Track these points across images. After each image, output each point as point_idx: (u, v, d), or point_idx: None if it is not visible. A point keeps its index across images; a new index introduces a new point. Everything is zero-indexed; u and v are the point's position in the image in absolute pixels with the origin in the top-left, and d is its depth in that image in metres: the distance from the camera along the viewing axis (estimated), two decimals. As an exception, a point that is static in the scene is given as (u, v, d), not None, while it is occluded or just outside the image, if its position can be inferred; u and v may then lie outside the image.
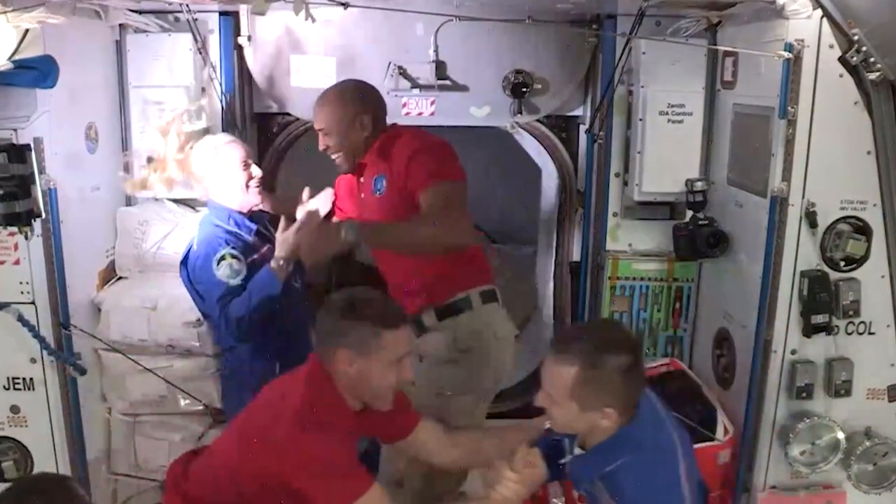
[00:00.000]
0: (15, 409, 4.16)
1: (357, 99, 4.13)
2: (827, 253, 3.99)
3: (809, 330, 4.02)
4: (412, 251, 3.91)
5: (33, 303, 4.04)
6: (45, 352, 4.07)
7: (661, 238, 5.05)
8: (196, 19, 4.77)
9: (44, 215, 3.91)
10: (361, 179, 4.14)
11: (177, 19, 4.81)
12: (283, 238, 4.06)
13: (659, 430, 3.06)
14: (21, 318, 3.96)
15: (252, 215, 4.43)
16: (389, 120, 4.15)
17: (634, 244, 5.11)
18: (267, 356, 4.27)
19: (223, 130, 4.86)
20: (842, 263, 4.01)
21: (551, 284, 6.23)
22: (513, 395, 6.26)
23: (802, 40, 3.78)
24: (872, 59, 3.66)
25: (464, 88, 5.14)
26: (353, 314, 3.10)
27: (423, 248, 3.80)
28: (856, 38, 3.67)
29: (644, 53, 4.74)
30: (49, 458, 4.21)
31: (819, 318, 3.99)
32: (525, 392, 6.21)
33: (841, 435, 4.13)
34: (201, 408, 4.60)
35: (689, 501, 2.97)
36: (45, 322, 4.08)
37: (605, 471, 3.02)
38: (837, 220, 3.95)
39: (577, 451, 3.19)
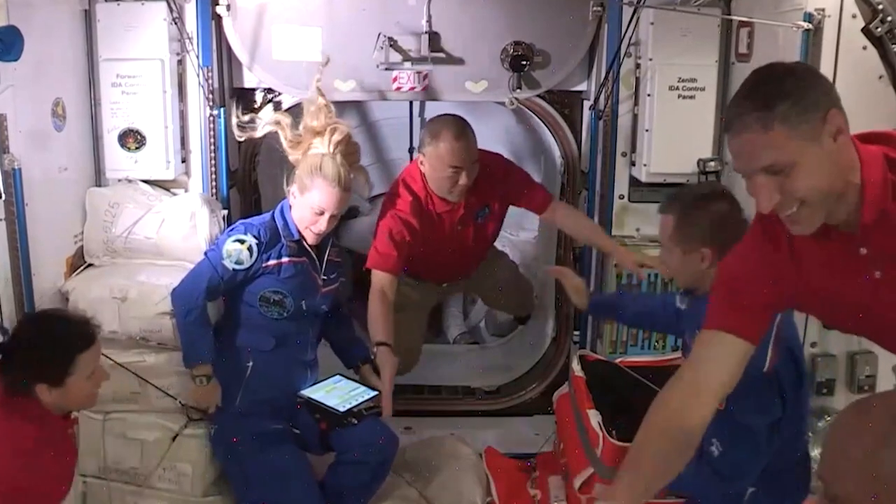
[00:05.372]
0: (-24, 407, 4.13)
1: None
2: (850, 239, 3.94)
3: (830, 322, 3.99)
4: None
5: (-5, 292, 4.02)
6: (8, 344, 4.02)
7: (671, 222, 5.02)
8: (171, -13, 4.73)
9: (4, 197, 3.89)
10: None
11: (150, -13, 4.77)
12: None
13: None
14: (-17, 309, 3.93)
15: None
16: (378, 95, 4.16)
17: (642, 229, 5.10)
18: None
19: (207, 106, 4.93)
20: (865, 250, 3.96)
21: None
22: (514, 391, 6.27)
23: (823, 10, 3.75)
24: (898, 30, 3.64)
25: (459, 62, 5.10)
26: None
27: None
28: (880, 7, 3.64)
29: (652, 24, 4.73)
30: (13, 458, 4.18)
31: (841, 309, 3.96)
32: (526, 386, 6.22)
33: (864, 434, 4.10)
34: (176, 405, 4.56)
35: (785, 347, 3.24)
36: (8, 312, 4.03)
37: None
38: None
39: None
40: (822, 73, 2.82)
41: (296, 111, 4.70)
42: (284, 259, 4.48)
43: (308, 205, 4.42)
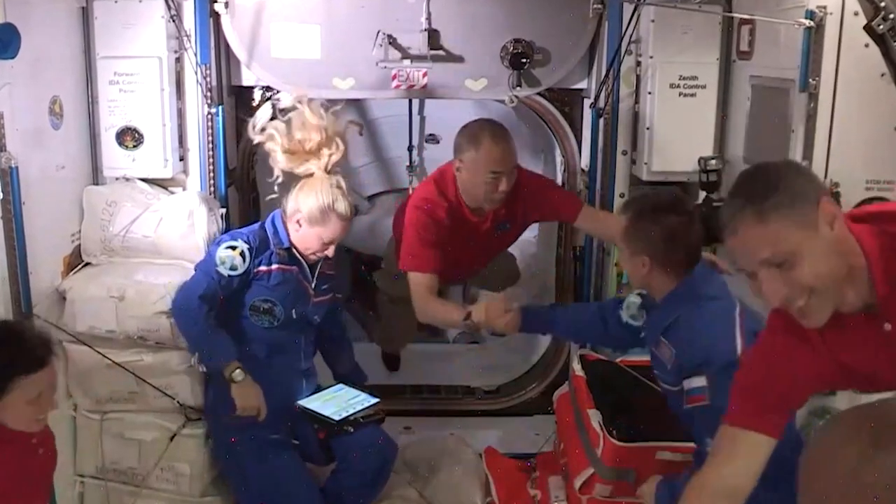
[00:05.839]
0: (-27, 406, 4.13)
1: None
2: (851, 237, 3.93)
3: (832, 319, 3.97)
4: None
5: (-8, 291, 4.01)
6: (5, 344, 4.02)
7: (671, 221, 5.01)
8: (169, -16, 4.72)
9: (1, 195, 3.89)
10: None
11: (147, -16, 4.76)
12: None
13: (714, 287, 3.65)
14: (-21, 308, 3.93)
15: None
16: (377, 93, 4.16)
17: (643, 227, 5.09)
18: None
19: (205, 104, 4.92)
20: (867, 248, 3.95)
21: (553, 271, 6.22)
22: (514, 391, 6.27)
23: (825, 7, 3.73)
24: (901, 28, 3.63)
25: (459, 59, 5.09)
26: None
27: None
28: (882, 4, 3.63)
29: (653, 21, 4.72)
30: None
31: (843, 307, 3.95)
32: (526, 386, 6.22)
33: (865, 434, 4.08)
34: (174, 405, 4.57)
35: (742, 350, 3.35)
36: (5, 311, 4.03)
37: (665, 325, 3.58)
38: (863, 202, 3.91)
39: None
40: (805, 167, 2.85)
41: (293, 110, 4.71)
42: (274, 266, 4.51)
43: (318, 236, 4.48)
